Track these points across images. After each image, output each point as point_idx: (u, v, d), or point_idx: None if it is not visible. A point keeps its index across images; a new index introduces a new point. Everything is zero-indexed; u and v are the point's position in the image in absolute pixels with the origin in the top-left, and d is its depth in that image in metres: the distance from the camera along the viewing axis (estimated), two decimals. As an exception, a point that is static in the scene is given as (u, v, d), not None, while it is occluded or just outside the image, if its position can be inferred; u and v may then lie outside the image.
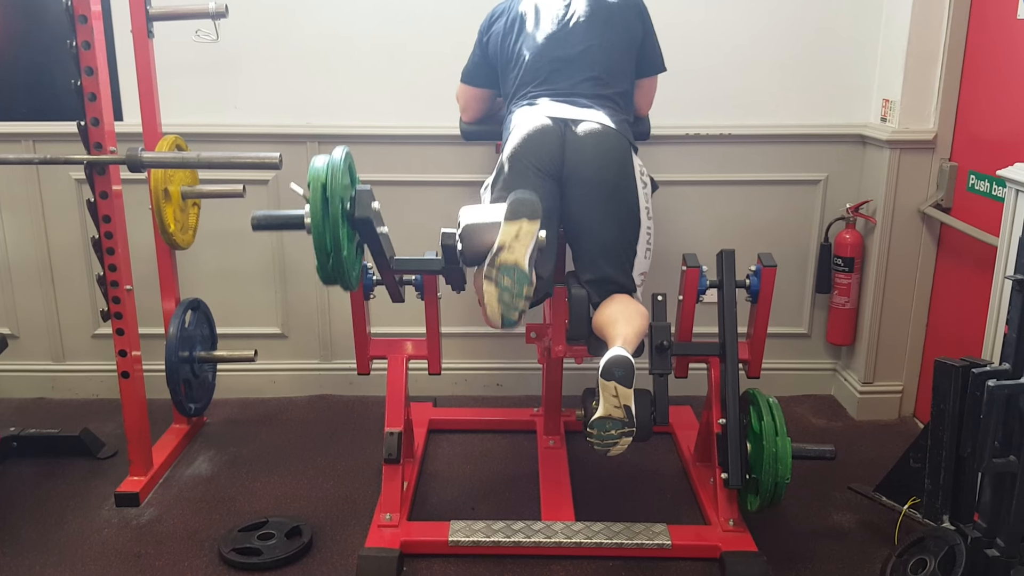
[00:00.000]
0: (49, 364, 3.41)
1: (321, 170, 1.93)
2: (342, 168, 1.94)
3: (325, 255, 1.93)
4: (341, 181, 1.92)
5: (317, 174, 1.92)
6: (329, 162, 1.94)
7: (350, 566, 2.36)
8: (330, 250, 1.93)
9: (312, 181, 1.92)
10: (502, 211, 2.10)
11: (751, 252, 2.73)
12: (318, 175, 1.92)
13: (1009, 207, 2.33)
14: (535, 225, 2.06)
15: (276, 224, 2.07)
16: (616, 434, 2.11)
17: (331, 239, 1.92)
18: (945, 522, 2.13)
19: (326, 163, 1.94)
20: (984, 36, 2.80)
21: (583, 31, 2.51)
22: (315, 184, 1.91)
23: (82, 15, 2.33)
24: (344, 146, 2.01)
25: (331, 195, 1.90)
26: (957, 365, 2.04)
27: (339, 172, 1.92)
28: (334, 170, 1.92)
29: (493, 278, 2.06)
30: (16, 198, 3.22)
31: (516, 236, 2.05)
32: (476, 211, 2.14)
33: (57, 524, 2.55)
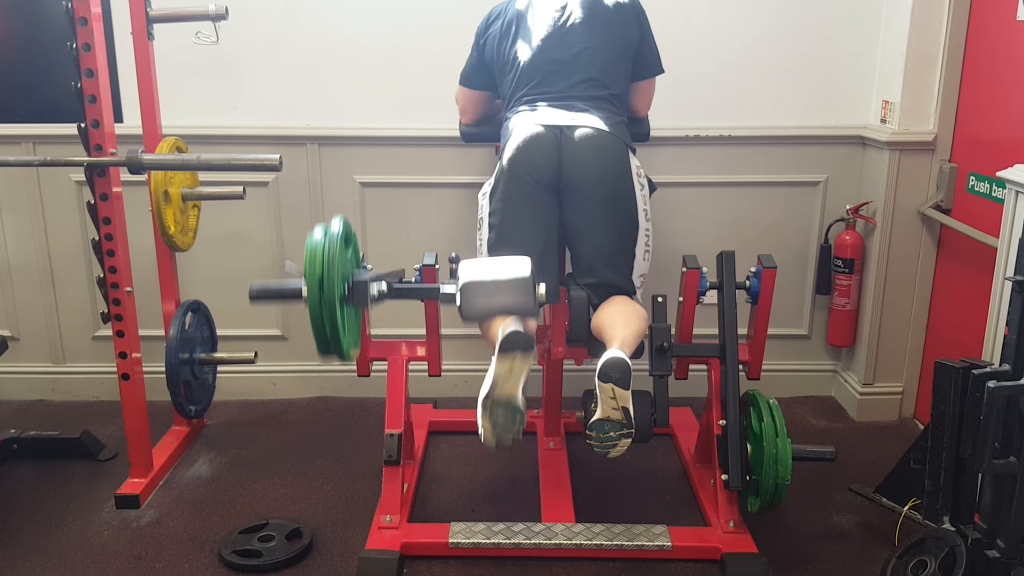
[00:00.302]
0: (49, 366, 3.41)
1: (318, 250, 1.91)
2: (339, 246, 1.93)
3: (323, 335, 1.94)
4: (339, 265, 1.92)
5: (314, 254, 1.90)
6: (326, 241, 1.92)
7: (350, 568, 2.36)
8: (328, 333, 1.94)
9: (308, 262, 1.91)
10: (502, 271, 2.05)
11: (751, 253, 2.73)
12: (315, 256, 1.90)
13: (1009, 208, 2.33)
14: (528, 359, 2.05)
15: (273, 297, 2.05)
16: (615, 436, 2.11)
17: (328, 321, 1.93)
18: (945, 523, 2.13)
19: (323, 242, 1.92)
20: (984, 37, 2.80)
21: (579, 33, 2.50)
22: (311, 266, 1.90)
23: (82, 17, 2.33)
24: (341, 216, 2.00)
25: (328, 278, 1.90)
26: (957, 366, 2.04)
27: (336, 252, 1.92)
28: (331, 251, 1.91)
29: (487, 412, 2.06)
30: (16, 200, 3.22)
31: (510, 371, 2.04)
32: (476, 268, 2.10)
33: (57, 526, 2.55)
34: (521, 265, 2.04)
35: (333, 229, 1.95)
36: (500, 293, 2.03)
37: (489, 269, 2.06)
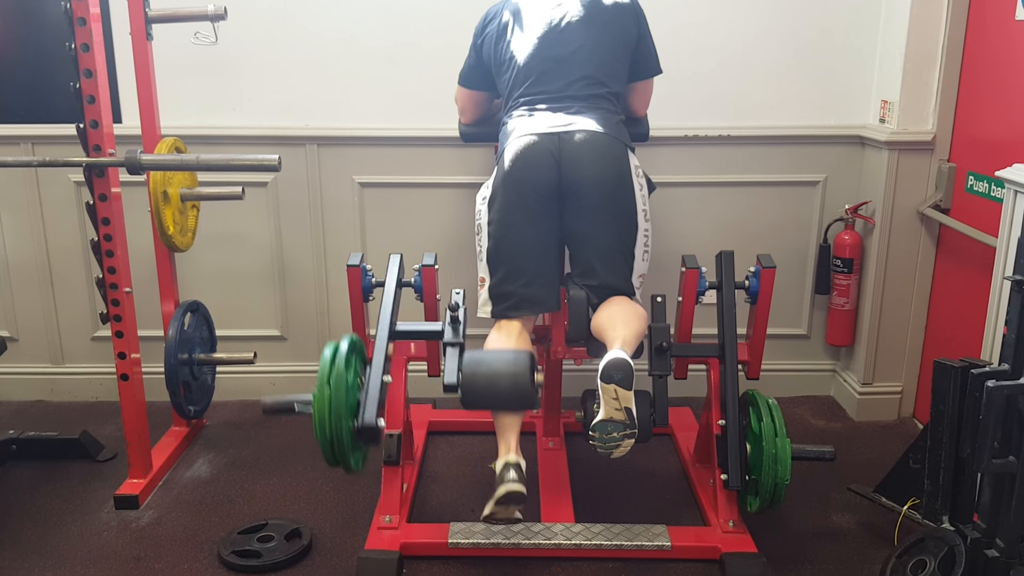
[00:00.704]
0: (48, 367, 3.41)
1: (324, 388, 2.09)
2: (344, 366, 2.13)
3: (332, 456, 2.15)
4: (347, 400, 2.11)
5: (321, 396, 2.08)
6: (334, 367, 2.11)
7: (350, 568, 2.36)
8: (336, 457, 2.15)
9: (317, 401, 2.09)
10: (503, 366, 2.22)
11: (750, 253, 2.74)
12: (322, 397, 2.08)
13: (1008, 208, 2.33)
14: (520, 506, 2.21)
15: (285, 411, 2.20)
16: (618, 436, 2.12)
17: (337, 449, 2.13)
18: (945, 523, 2.13)
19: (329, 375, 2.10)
20: (982, 37, 2.80)
21: (576, 31, 2.50)
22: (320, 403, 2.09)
23: (81, 17, 2.33)
24: (350, 336, 2.21)
25: (335, 411, 2.09)
26: (956, 366, 2.04)
27: (343, 384, 2.11)
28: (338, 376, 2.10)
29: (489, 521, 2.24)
30: (15, 201, 3.22)
31: (504, 513, 2.21)
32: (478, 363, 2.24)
33: (56, 527, 2.55)
34: (522, 362, 2.21)
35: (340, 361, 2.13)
36: (499, 392, 2.21)
37: (491, 363, 2.23)
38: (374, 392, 2.17)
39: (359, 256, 2.59)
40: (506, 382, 2.19)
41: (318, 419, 2.08)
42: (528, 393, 2.19)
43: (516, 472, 2.23)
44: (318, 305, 3.34)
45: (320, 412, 2.08)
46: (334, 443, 2.11)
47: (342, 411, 2.09)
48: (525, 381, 2.18)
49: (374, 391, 2.18)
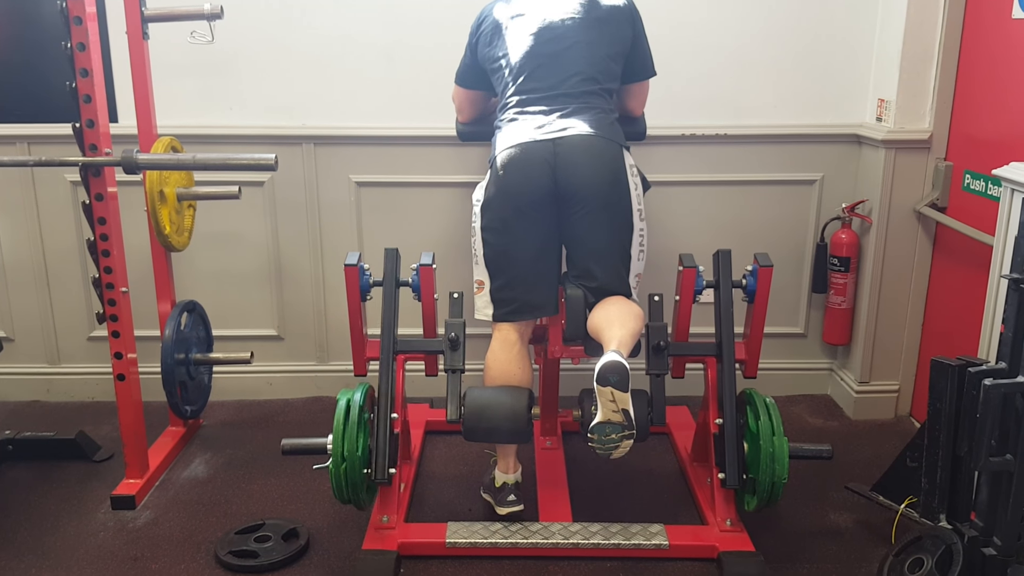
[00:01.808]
0: (44, 367, 3.40)
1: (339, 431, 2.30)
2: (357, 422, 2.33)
3: (343, 497, 2.35)
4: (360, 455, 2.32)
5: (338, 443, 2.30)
6: (347, 424, 2.31)
7: (347, 568, 2.36)
8: (348, 497, 2.35)
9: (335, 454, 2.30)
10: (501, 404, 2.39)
11: (747, 252, 2.74)
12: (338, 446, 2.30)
13: (1004, 206, 2.33)
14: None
15: (303, 452, 2.41)
16: (617, 438, 2.12)
17: (351, 490, 2.33)
18: (942, 521, 2.13)
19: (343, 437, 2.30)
20: (979, 36, 2.80)
21: (570, 29, 2.49)
22: (336, 451, 2.30)
23: (77, 16, 2.32)
24: (365, 386, 2.43)
25: (349, 458, 2.30)
26: (953, 364, 2.05)
27: (354, 428, 2.32)
28: (351, 431, 2.31)
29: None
30: (11, 200, 3.21)
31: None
32: (479, 400, 2.41)
33: (53, 527, 2.55)
34: (519, 400, 2.38)
35: (352, 415, 2.33)
36: (499, 430, 2.40)
37: (490, 401, 2.40)
38: (383, 445, 2.37)
39: (356, 255, 2.58)
40: (505, 423, 2.38)
41: (335, 481, 2.31)
42: (525, 431, 2.40)
43: (515, 494, 2.48)
44: (315, 305, 3.34)
45: (336, 476, 2.31)
46: (348, 493, 2.34)
47: (356, 466, 2.31)
48: (522, 421, 2.37)
49: (383, 443, 2.37)
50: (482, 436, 2.45)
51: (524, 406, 2.38)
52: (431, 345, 2.62)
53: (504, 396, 2.41)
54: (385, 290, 2.56)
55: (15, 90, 3.12)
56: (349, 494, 2.34)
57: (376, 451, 2.36)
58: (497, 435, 2.45)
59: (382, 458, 2.35)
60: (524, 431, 2.39)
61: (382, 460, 2.35)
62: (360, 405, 2.35)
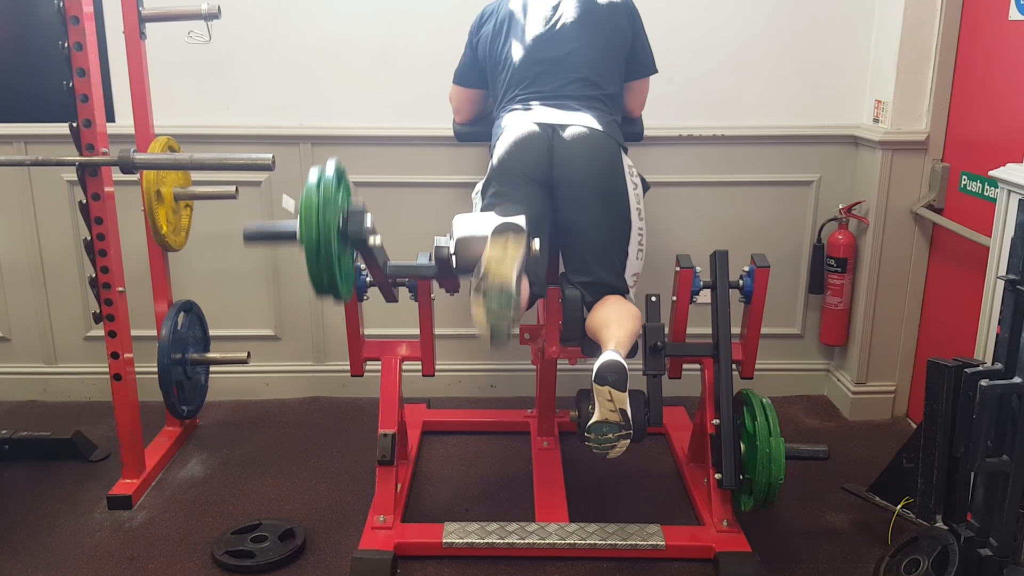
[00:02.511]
0: (41, 366, 3.39)
1: (313, 189, 1.93)
2: (334, 184, 1.95)
3: (318, 272, 1.95)
4: (334, 199, 1.93)
5: (309, 193, 1.92)
6: (320, 180, 1.95)
7: (344, 568, 2.35)
8: (323, 270, 1.95)
9: (304, 200, 1.92)
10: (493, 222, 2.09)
11: (744, 253, 2.74)
12: (310, 194, 1.92)
13: (1001, 208, 2.34)
14: (520, 242, 2.03)
15: (268, 238, 2.09)
16: (614, 437, 2.12)
17: (324, 258, 1.93)
18: (938, 522, 2.14)
19: (317, 180, 1.94)
20: (976, 37, 2.81)
21: (571, 33, 2.50)
22: (307, 203, 1.92)
23: (74, 16, 2.32)
24: (335, 158, 2.03)
25: (323, 214, 1.91)
26: (950, 365, 2.05)
27: (331, 189, 1.94)
28: (326, 188, 1.94)
29: (480, 298, 2.03)
30: (8, 200, 3.20)
31: (503, 256, 2.02)
32: (468, 221, 2.15)
33: (49, 527, 2.54)
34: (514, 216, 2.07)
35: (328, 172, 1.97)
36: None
37: (481, 222, 2.09)
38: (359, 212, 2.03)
39: (353, 255, 2.58)
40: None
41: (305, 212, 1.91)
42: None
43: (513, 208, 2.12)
44: (312, 305, 3.34)
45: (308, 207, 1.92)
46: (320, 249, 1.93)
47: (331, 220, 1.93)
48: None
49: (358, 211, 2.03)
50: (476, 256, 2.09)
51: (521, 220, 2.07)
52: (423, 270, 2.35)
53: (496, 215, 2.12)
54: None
55: (12, 89, 3.12)
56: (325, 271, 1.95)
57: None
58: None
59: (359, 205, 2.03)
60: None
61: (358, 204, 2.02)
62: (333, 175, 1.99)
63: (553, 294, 2.48)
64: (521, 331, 2.71)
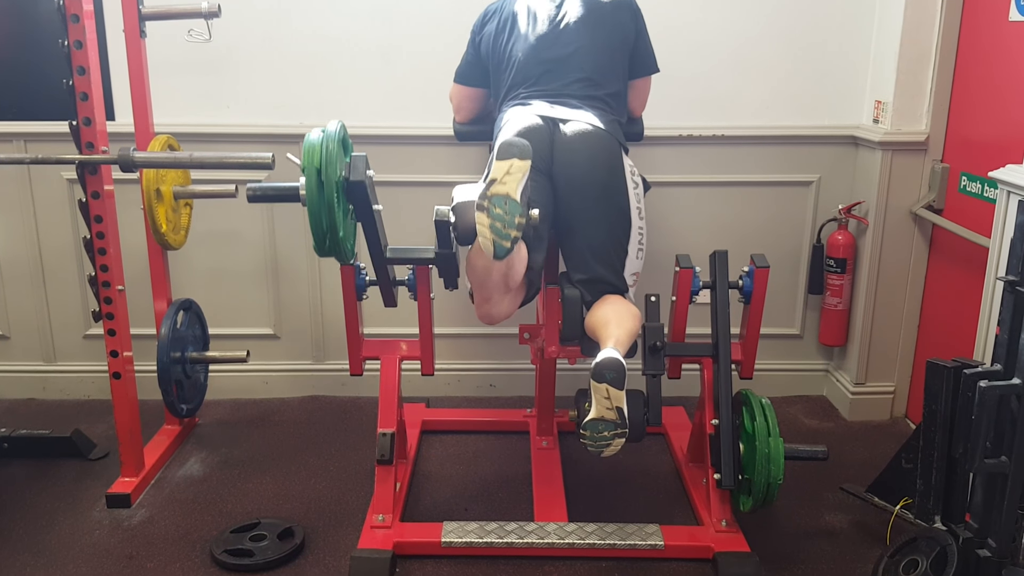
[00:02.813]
0: (40, 365, 3.39)
1: (316, 142, 1.95)
2: (336, 139, 1.98)
3: (321, 229, 1.97)
4: (336, 152, 1.98)
5: (312, 147, 1.95)
6: (324, 135, 1.97)
7: (343, 567, 2.35)
8: (326, 226, 1.97)
9: (307, 153, 1.95)
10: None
11: (744, 253, 2.74)
12: (313, 148, 1.95)
13: (1001, 208, 2.34)
14: (526, 163, 2.02)
15: (271, 196, 2.11)
16: (609, 435, 2.12)
17: (327, 212, 1.96)
18: (937, 522, 2.14)
19: (320, 136, 1.97)
20: (976, 38, 2.81)
21: (574, 32, 2.51)
22: (310, 156, 1.95)
23: (74, 14, 2.32)
24: (339, 120, 2.05)
25: (326, 167, 1.95)
26: (949, 366, 2.05)
27: (334, 143, 1.96)
28: (329, 141, 1.96)
29: (485, 208, 2.01)
30: (7, 198, 3.20)
31: (507, 172, 2.00)
32: (469, 189, 2.16)
33: (48, 525, 2.54)
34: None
35: (330, 128, 1.99)
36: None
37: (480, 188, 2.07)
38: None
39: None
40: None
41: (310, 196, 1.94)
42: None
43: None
44: (311, 303, 3.34)
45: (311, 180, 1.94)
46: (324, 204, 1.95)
47: (334, 177, 1.95)
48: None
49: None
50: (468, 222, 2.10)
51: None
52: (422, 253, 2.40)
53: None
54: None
55: (12, 87, 3.12)
56: (327, 227, 1.99)
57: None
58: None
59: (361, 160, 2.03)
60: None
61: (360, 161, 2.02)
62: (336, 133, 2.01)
63: (553, 293, 2.48)
64: (520, 330, 2.71)
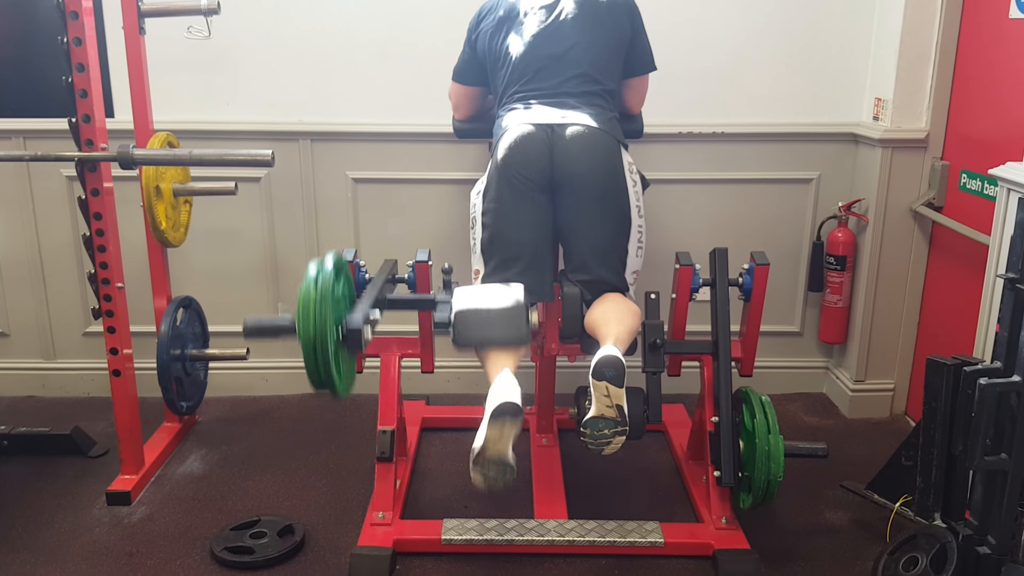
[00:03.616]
0: (40, 362, 3.39)
1: (310, 283, 1.92)
2: (332, 279, 1.97)
3: (315, 369, 1.96)
4: (331, 294, 1.95)
5: (307, 288, 1.92)
6: (319, 274, 1.95)
7: (343, 564, 2.36)
8: (320, 367, 1.95)
9: (302, 295, 1.92)
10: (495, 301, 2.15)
11: (744, 250, 2.74)
12: (308, 289, 1.92)
13: (1001, 206, 2.34)
14: (517, 423, 2.05)
15: (266, 333, 2.05)
16: (609, 433, 2.12)
17: (321, 354, 1.94)
18: (937, 520, 2.14)
19: (315, 274, 1.95)
20: (976, 35, 2.81)
21: (570, 29, 2.50)
22: (305, 298, 1.92)
23: (73, 11, 2.31)
24: (335, 252, 2.05)
25: (319, 309, 1.92)
26: (949, 363, 2.05)
27: (328, 284, 1.95)
28: (324, 282, 1.94)
29: (479, 469, 2.08)
30: (7, 195, 3.20)
31: (499, 435, 2.05)
32: (469, 298, 2.18)
33: (48, 523, 2.54)
34: (514, 295, 2.13)
35: (326, 268, 1.97)
36: (493, 326, 2.12)
37: (482, 299, 2.13)
38: (367, 297, 2.10)
39: (352, 252, 2.58)
40: (499, 315, 2.12)
41: (302, 318, 1.92)
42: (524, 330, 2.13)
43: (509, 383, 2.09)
44: (311, 301, 3.33)
45: (304, 312, 1.92)
46: (317, 349, 1.94)
47: (327, 314, 1.93)
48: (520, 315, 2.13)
49: (367, 296, 2.10)
50: (475, 338, 2.16)
51: (520, 301, 2.12)
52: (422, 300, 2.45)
53: (498, 291, 2.17)
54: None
55: (11, 85, 3.12)
56: (324, 377, 1.98)
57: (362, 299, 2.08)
58: (491, 330, 2.14)
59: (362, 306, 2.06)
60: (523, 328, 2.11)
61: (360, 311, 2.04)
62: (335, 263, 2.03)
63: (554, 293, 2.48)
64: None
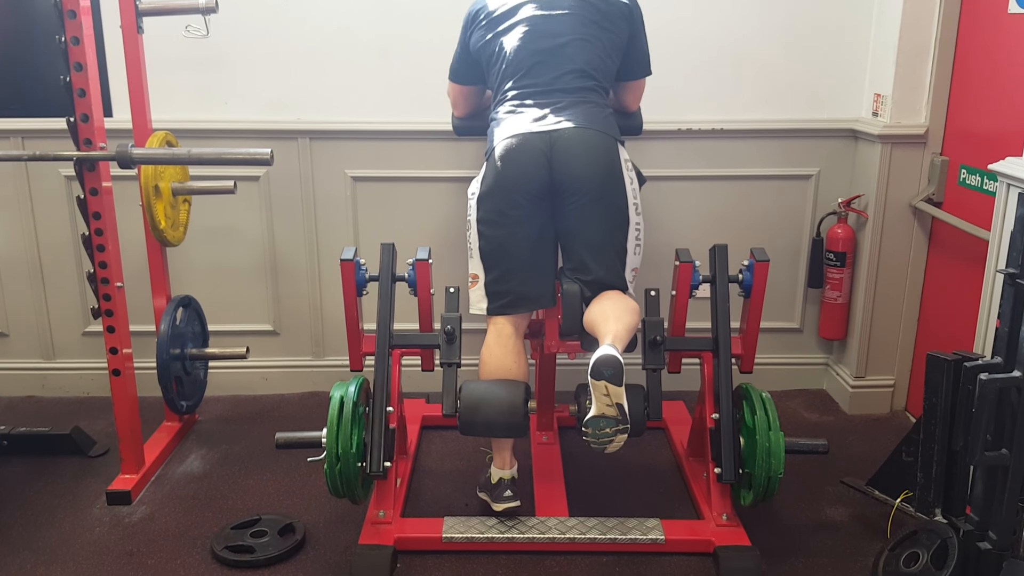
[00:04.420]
0: (39, 362, 3.39)
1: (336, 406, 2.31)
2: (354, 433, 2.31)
3: (335, 483, 2.32)
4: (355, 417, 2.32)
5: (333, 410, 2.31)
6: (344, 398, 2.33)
7: (344, 563, 2.36)
8: (340, 482, 2.32)
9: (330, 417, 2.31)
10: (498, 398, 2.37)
11: (744, 247, 2.74)
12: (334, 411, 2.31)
13: (1000, 201, 2.34)
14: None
15: (297, 445, 2.43)
16: (611, 432, 2.12)
17: (342, 471, 2.30)
18: (937, 515, 2.14)
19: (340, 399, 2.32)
20: (975, 30, 2.80)
21: (565, 24, 2.49)
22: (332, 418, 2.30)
23: (71, 10, 2.31)
24: (362, 376, 2.45)
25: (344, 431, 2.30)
26: (949, 359, 2.05)
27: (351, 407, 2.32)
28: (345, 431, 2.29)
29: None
30: (5, 195, 3.19)
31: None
32: (476, 393, 2.38)
33: (48, 523, 2.54)
34: (516, 396, 2.35)
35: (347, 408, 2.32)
36: (494, 424, 2.38)
37: (487, 398, 2.38)
38: (378, 439, 2.36)
39: (352, 250, 2.58)
40: (501, 416, 2.36)
41: (329, 476, 2.30)
42: (521, 425, 2.36)
43: (511, 489, 2.45)
44: (311, 299, 3.33)
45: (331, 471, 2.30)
46: (343, 488, 2.33)
47: (351, 461, 2.29)
48: (519, 415, 2.35)
49: (378, 437, 2.36)
50: (478, 430, 2.42)
51: (520, 399, 2.35)
52: (427, 339, 2.61)
53: (500, 389, 2.39)
54: (381, 285, 2.56)
55: (9, 84, 3.11)
56: (344, 489, 2.32)
57: (372, 445, 2.35)
58: (493, 429, 2.41)
59: (377, 452, 2.34)
60: (520, 425, 2.36)
61: (377, 454, 2.34)
62: (354, 399, 2.33)
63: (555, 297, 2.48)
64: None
